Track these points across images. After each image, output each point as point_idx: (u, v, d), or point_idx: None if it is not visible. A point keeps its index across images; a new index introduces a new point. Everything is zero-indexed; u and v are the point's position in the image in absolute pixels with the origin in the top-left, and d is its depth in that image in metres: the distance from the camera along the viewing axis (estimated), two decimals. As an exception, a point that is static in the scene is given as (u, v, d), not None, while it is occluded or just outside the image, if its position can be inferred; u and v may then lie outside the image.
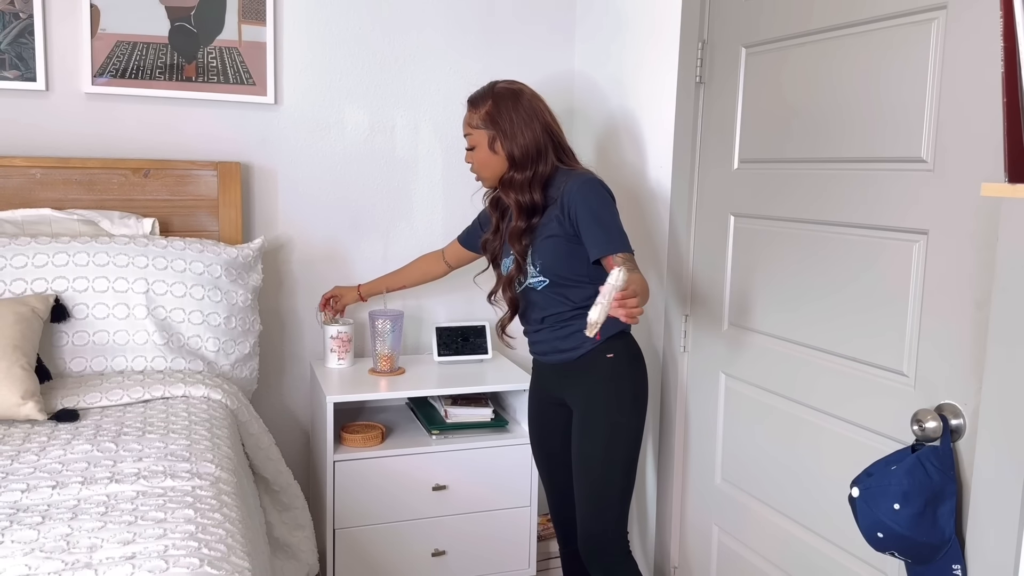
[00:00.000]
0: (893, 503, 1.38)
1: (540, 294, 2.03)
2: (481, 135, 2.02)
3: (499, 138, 2.00)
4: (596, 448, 1.98)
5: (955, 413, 1.42)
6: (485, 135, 2.02)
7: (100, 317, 2.13)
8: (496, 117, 2.00)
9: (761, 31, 1.93)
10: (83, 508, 1.42)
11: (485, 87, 2.06)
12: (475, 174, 2.09)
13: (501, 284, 2.11)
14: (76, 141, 2.40)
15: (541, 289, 2.02)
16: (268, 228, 2.61)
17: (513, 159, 1.99)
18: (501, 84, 2.04)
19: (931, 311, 1.49)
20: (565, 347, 2.03)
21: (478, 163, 2.05)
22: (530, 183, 1.99)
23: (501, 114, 2.00)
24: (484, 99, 2.02)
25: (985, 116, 1.36)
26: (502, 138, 1.99)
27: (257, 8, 2.50)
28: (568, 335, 2.02)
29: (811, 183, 1.78)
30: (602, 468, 1.98)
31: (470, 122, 2.04)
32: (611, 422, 1.97)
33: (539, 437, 2.22)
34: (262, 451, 2.14)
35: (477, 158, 2.05)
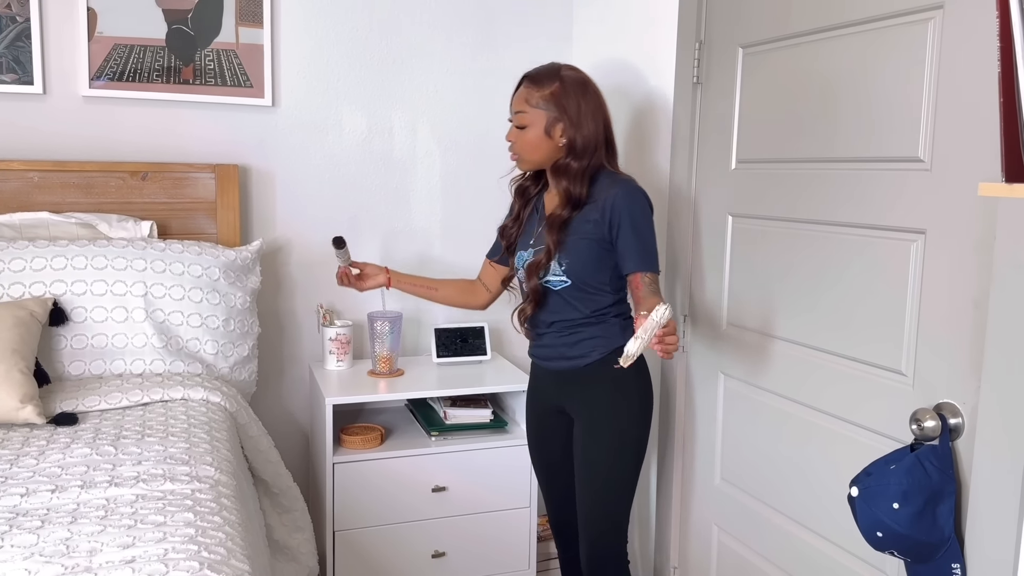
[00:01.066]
0: (892, 502, 1.38)
1: (556, 296, 1.96)
2: (539, 115, 1.91)
3: (563, 123, 1.90)
4: (602, 458, 1.95)
5: (954, 412, 1.42)
6: (544, 116, 1.91)
7: (98, 320, 2.13)
8: (563, 100, 1.90)
9: (758, 31, 1.93)
10: (82, 512, 1.41)
11: (547, 67, 1.96)
12: (514, 153, 1.98)
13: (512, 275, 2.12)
14: (74, 144, 2.40)
15: (559, 290, 1.94)
16: (266, 230, 2.61)
17: (574, 147, 1.91)
18: (567, 68, 1.95)
19: (929, 310, 1.50)
20: (572, 355, 1.98)
21: (526, 144, 1.94)
22: (583, 174, 1.91)
23: (569, 98, 1.90)
24: (549, 79, 1.92)
25: (982, 116, 1.37)
26: (567, 123, 1.90)
27: (254, 10, 2.50)
28: (576, 342, 1.97)
29: (809, 183, 1.78)
30: (608, 478, 1.96)
31: (528, 99, 1.92)
32: (618, 430, 1.94)
33: (538, 445, 2.17)
34: (261, 453, 2.14)
35: (527, 138, 1.94)
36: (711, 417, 2.15)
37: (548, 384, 2.08)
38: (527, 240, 2.03)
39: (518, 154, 1.98)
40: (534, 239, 2.00)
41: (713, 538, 2.17)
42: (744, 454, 2.04)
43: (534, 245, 2.00)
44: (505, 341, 2.86)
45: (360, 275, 2.26)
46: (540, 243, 1.97)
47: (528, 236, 2.03)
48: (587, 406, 1.97)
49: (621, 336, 1.94)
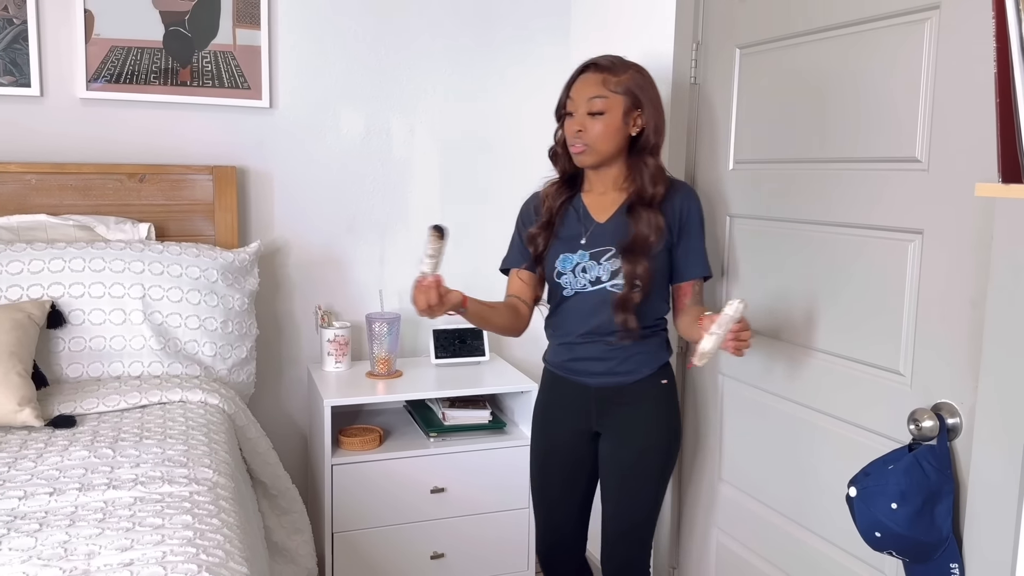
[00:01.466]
0: (890, 502, 1.38)
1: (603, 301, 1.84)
2: (618, 101, 1.80)
3: (645, 110, 1.82)
4: (649, 482, 1.89)
5: (952, 412, 1.42)
6: (623, 102, 1.80)
7: (96, 323, 2.12)
8: (643, 86, 1.82)
9: (755, 32, 1.94)
10: (81, 515, 1.41)
11: (611, 56, 1.86)
12: (581, 145, 1.82)
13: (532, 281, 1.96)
14: (71, 146, 2.40)
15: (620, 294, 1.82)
16: (264, 232, 2.61)
17: (648, 139, 1.83)
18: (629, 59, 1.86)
19: (927, 310, 1.50)
20: (623, 370, 1.87)
21: (603, 131, 1.80)
22: (661, 172, 1.85)
23: (645, 88, 1.83)
24: (623, 66, 1.82)
25: (979, 116, 1.37)
26: (651, 111, 1.82)
27: (251, 12, 2.50)
28: (629, 356, 1.86)
29: (806, 183, 1.78)
30: (650, 501, 1.92)
31: (605, 84, 1.80)
32: (665, 452, 1.90)
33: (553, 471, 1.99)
34: (260, 456, 2.14)
35: (604, 125, 1.80)
36: (710, 418, 2.15)
37: (580, 403, 1.93)
38: (572, 242, 1.88)
39: (589, 144, 1.82)
40: (586, 240, 1.87)
41: (712, 538, 2.17)
42: (743, 455, 2.04)
43: (588, 247, 1.86)
44: (503, 342, 2.86)
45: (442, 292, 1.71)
46: (604, 243, 1.85)
47: (572, 238, 1.89)
48: (632, 427, 1.88)
49: (666, 350, 1.93)
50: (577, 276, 1.87)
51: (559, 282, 1.89)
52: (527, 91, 2.81)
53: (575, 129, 1.83)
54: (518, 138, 2.81)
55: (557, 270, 1.89)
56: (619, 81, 1.80)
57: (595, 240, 1.87)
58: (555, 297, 1.93)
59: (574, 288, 1.87)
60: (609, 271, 1.84)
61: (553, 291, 1.93)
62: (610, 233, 1.86)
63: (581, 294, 1.87)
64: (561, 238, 1.90)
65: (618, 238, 1.84)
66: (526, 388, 2.47)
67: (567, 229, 1.90)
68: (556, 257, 1.89)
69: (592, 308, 1.86)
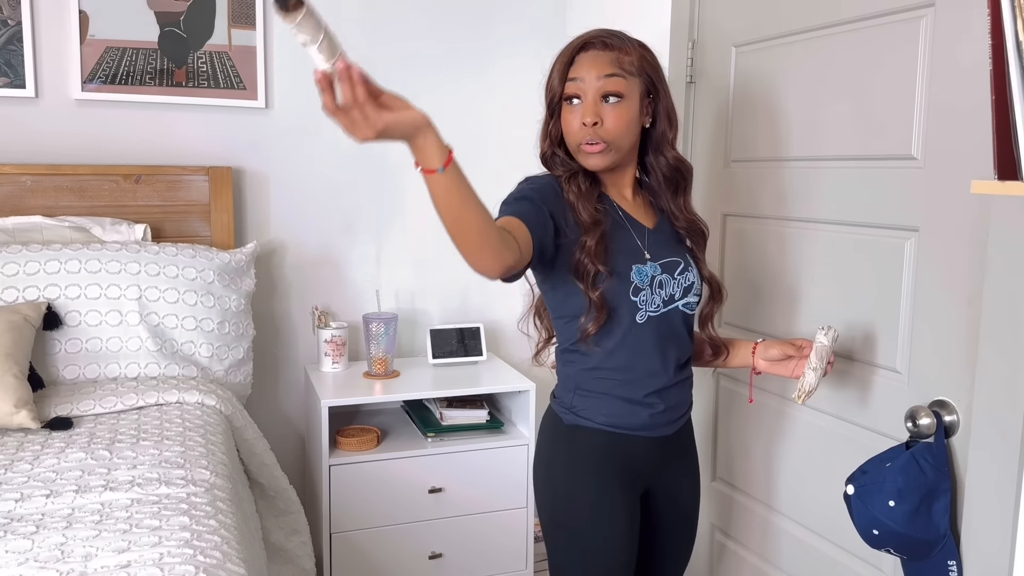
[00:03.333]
0: (888, 500, 1.39)
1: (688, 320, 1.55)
2: (635, 84, 1.46)
3: (661, 96, 1.50)
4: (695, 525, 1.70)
5: (949, 409, 1.42)
6: (640, 86, 1.47)
7: (93, 324, 2.12)
8: (657, 68, 1.50)
9: (751, 31, 1.94)
10: (77, 517, 1.41)
11: (611, 31, 1.50)
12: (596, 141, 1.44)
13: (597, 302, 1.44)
14: (66, 148, 2.39)
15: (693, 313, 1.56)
16: (260, 232, 2.61)
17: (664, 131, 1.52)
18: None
19: (923, 308, 1.50)
20: (690, 403, 1.59)
21: (626, 119, 1.45)
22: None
23: (657, 69, 1.50)
24: (630, 42, 1.48)
25: (974, 113, 1.37)
26: (665, 96, 1.50)
27: (247, 12, 2.49)
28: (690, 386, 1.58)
29: (802, 182, 1.78)
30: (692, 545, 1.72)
31: (620, 63, 1.45)
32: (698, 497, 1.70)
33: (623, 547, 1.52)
34: (257, 457, 2.14)
35: (627, 111, 1.45)
36: (705, 417, 2.15)
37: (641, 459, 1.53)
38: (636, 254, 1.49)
39: (608, 139, 1.44)
40: (649, 251, 1.51)
41: (710, 538, 2.17)
42: (738, 453, 2.04)
43: (654, 258, 1.50)
44: (501, 342, 2.86)
45: (377, 99, 1.15)
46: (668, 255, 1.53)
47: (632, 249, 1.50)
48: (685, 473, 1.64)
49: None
50: (654, 293, 1.48)
51: (635, 301, 1.46)
52: (522, 90, 2.80)
53: (587, 121, 1.43)
54: (513, 137, 2.80)
55: (634, 284, 1.46)
56: (632, 60, 1.46)
57: (656, 251, 1.52)
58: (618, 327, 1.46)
59: (647, 310, 1.47)
60: (683, 287, 1.52)
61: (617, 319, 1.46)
62: (668, 242, 1.55)
63: (653, 318, 1.48)
64: (618, 248, 1.47)
65: (676, 248, 1.56)
66: (523, 388, 2.46)
67: (621, 238, 1.49)
68: (629, 268, 1.46)
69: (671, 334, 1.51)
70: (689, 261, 1.56)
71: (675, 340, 1.52)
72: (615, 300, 1.45)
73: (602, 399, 1.50)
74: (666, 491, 1.61)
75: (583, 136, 1.45)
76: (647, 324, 1.48)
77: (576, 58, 1.47)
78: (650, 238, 1.53)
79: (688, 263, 1.55)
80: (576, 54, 1.48)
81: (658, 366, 1.50)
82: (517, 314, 2.86)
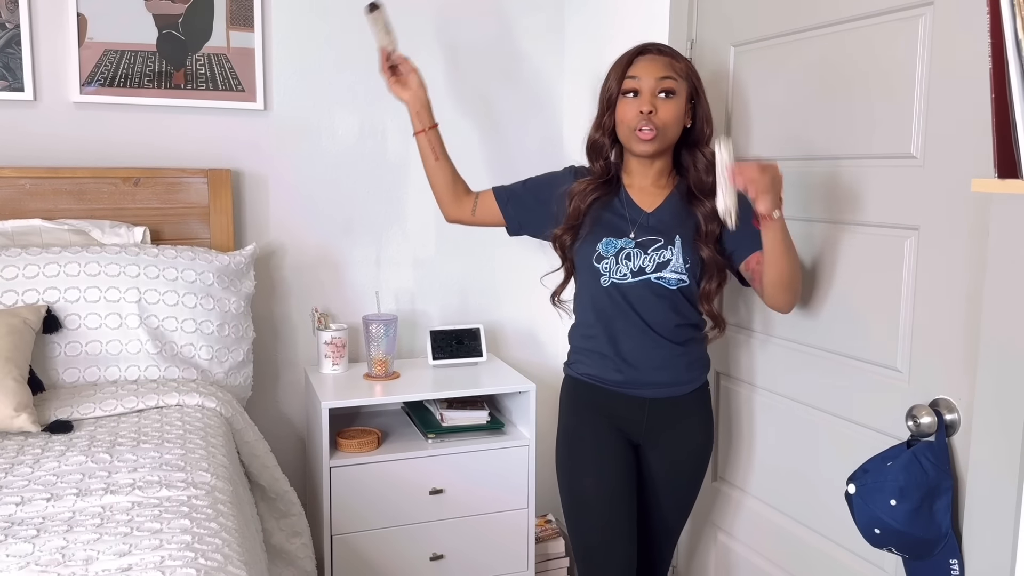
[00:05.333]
0: (889, 499, 1.39)
1: (663, 294, 1.75)
2: (683, 87, 1.74)
3: (701, 100, 1.78)
4: (696, 491, 1.91)
5: (949, 408, 1.42)
6: (686, 89, 1.75)
7: (92, 327, 2.12)
8: (699, 79, 1.79)
9: (749, 30, 1.94)
10: (78, 520, 1.41)
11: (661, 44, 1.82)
12: (651, 129, 1.71)
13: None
14: (65, 150, 2.39)
15: (675, 289, 1.75)
16: (260, 234, 2.61)
17: (703, 130, 1.78)
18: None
19: (924, 306, 1.50)
20: (688, 378, 1.80)
21: (676, 113, 1.74)
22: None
23: (700, 80, 1.80)
24: (679, 54, 1.80)
25: (974, 111, 1.37)
26: (705, 102, 1.79)
27: (245, 14, 2.49)
28: (691, 362, 1.80)
29: (802, 180, 1.78)
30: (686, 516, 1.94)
31: (673, 68, 1.74)
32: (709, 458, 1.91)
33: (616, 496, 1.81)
34: (258, 459, 2.14)
35: (678, 107, 1.74)
36: (708, 416, 2.15)
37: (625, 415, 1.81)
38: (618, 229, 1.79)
39: (659, 128, 1.72)
40: (636, 230, 1.78)
41: (712, 538, 2.17)
42: (740, 453, 2.04)
43: (637, 236, 1.77)
44: (501, 343, 2.85)
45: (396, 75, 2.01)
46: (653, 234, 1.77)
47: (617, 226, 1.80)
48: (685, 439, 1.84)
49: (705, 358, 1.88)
50: (619, 263, 1.76)
51: (597, 267, 1.77)
52: (521, 89, 2.81)
53: (644, 110, 1.70)
54: (512, 137, 2.81)
55: (598, 252, 1.77)
56: (682, 67, 1.76)
57: (644, 230, 1.78)
58: (586, 286, 1.80)
59: (611, 277, 1.76)
60: (656, 262, 1.75)
61: (585, 278, 1.80)
62: (660, 224, 1.79)
63: (618, 284, 1.76)
64: (603, 224, 1.80)
65: (667, 230, 1.77)
66: (524, 388, 2.46)
67: (611, 219, 1.80)
68: (598, 240, 1.78)
69: (637, 302, 1.76)
70: (676, 243, 1.76)
71: (648, 309, 1.75)
72: (582, 269, 1.79)
73: (584, 354, 1.86)
74: (660, 453, 1.83)
75: (639, 122, 1.72)
76: (613, 290, 1.76)
77: (635, 60, 1.75)
78: (643, 218, 1.80)
79: (672, 243, 1.76)
80: (635, 58, 1.76)
81: (622, 329, 1.77)
82: (517, 315, 2.87)
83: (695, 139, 1.80)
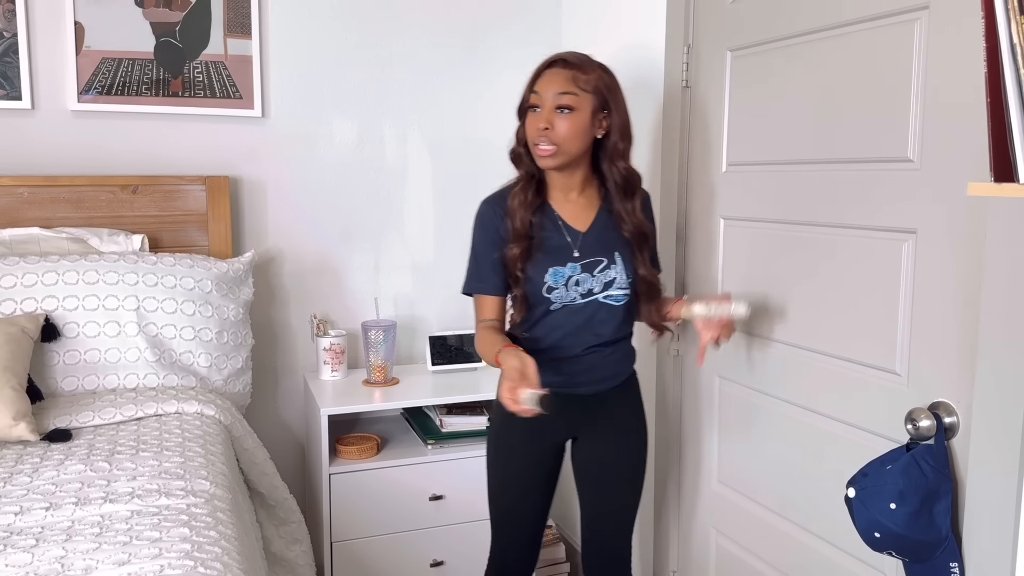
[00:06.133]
0: (889, 502, 1.38)
1: (611, 311, 1.81)
2: (587, 100, 1.72)
3: (613, 113, 1.75)
4: (640, 473, 1.94)
5: (948, 411, 1.42)
6: (592, 101, 1.73)
7: (91, 335, 2.12)
8: (612, 89, 1.76)
9: (746, 35, 1.94)
10: (77, 529, 1.41)
11: (579, 54, 1.78)
12: (548, 144, 1.71)
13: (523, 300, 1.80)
14: (63, 159, 2.39)
15: (621, 304, 1.81)
16: (258, 241, 2.61)
17: (616, 144, 1.77)
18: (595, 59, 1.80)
19: (922, 309, 1.50)
20: (615, 372, 1.88)
21: (572, 130, 1.71)
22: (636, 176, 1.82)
23: (613, 90, 1.76)
24: (591, 65, 1.75)
25: (970, 115, 1.37)
26: (618, 113, 1.76)
27: (242, 22, 2.49)
28: (619, 359, 1.88)
29: (799, 185, 1.79)
30: (640, 490, 1.96)
31: (575, 81, 1.71)
32: (646, 442, 1.96)
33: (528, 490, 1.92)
34: (257, 466, 2.14)
35: (576, 122, 1.71)
36: (708, 421, 2.15)
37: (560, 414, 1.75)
38: (562, 254, 1.79)
39: (558, 143, 1.71)
40: (578, 251, 1.80)
41: (712, 541, 2.17)
42: (741, 457, 2.04)
43: (581, 258, 1.79)
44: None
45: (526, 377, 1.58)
46: (595, 254, 1.80)
47: (560, 250, 1.79)
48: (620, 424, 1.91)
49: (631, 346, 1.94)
50: (569, 290, 1.78)
51: (549, 297, 1.78)
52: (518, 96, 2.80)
53: (540, 126, 1.72)
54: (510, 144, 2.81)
55: (548, 284, 1.77)
56: (588, 79, 1.73)
57: (585, 251, 1.80)
58: (537, 311, 1.81)
59: (563, 302, 1.79)
60: (602, 283, 1.80)
61: (534, 306, 1.81)
62: (597, 243, 1.81)
63: (569, 307, 1.79)
64: (546, 251, 1.78)
65: (606, 248, 1.81)
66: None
67: (551, 240, 1.79)
68: (545, 271, 1.77)
69: (587, 321, 1.80)
70: (617, 260, 1.80)
71: (594, 324, 1.81)
72: (533, 297, 1.79)
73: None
74: (596, 441, 1.90)
75: (537, 138, 1.74)
76: (562, 311, 1.80)
77: (542, 74, 1.76)
78: (582, 240, 1.81)
79: (614, 262, 1.80)
80: (543, 70, 1.76)
81: (568, 343, 1.81)
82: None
83: (609, 152, 1.78)
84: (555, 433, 1.90)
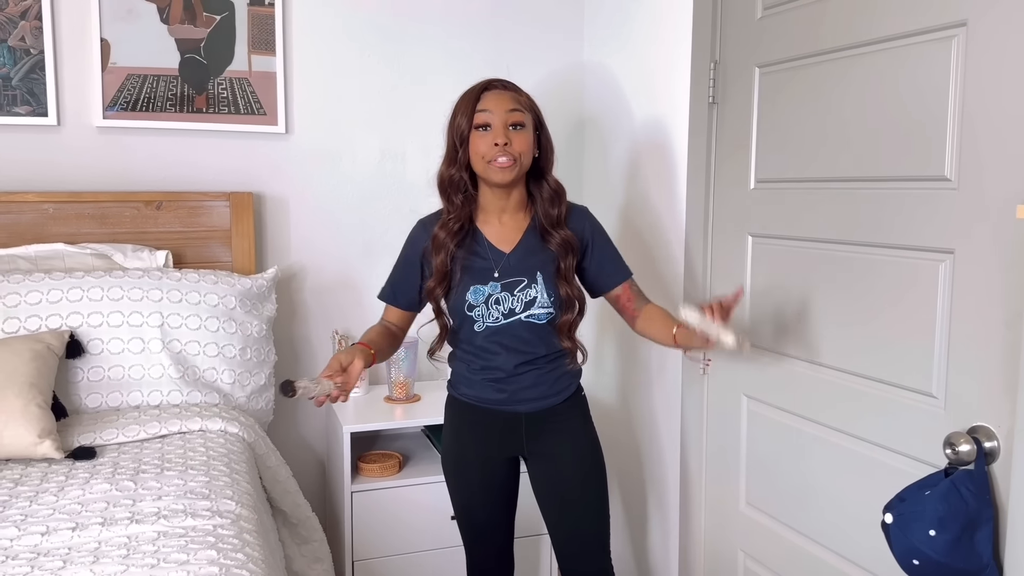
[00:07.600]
0: (928, 529, 1.35)
1: (535, 329, 1.85)
2: (530, 118, 1.82)
3: (544, 131, 1.87)
4: (599, 487, 1.95)
5: (988, 435, 1.39)
6: (531, 120, 1.83)
7: (115, 352, 2.11)
8: (539, 110, 1.87)
9: (775, 51, 1.92)
10: (104, 551, 1.40)
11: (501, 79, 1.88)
12: (509, 158, 1.77)
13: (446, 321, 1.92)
14: (88, 175, 2.40)
15: (544, 323, 1.85)
16: (281, 257, 2.60)
17: (548, 160, 1.88)
18: None
19: (959, 331, 1.47)
20: (556, 390, 1.91)
21: (527, 144, 1.80)
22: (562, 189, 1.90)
23: (539, 111, 1.87)
24: (519, 88, 1.86)
25: (1008, 133, 1.35)
26: (547, 132, 1.88)
27: (267, 39, 2.50)
28: (559, 376, 1.91)
29: (831, 202, 1.76)
30: (604, 504, 1.96)
31: (518, 101, 1.81)
32: (600, 456, 1.97)
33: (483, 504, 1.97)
34: (280, 484, 2.12)
35: (527, 138, 1.80)
36: (735, 440, 2.12)
37: (503, 431, 1.91)
38: (483, 274, 1.84)
39: (515, 154, 1.78)
40: (499, 272, 1.84)
41: (739, 564, 2.14)
42: (770, 478, 2.01)
43: (501, 278, 1.84)
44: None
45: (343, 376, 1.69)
46: (516, 274, 1.84)
47: (482, 271, 1.85)
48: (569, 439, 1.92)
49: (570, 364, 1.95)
50: (490, 308, 1.84)
51: (470, 315, 1.84)
52: (542, 112, 2.80)
53: (500, 142, 1.76)
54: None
55: (468, 302, 1.84)
56: (525, 100, 1.84)
57: (507, 271, 1.85)
58: (463, 331, 1.88)
59: (485, 322, 1.84)
60: (523, 302, 1.84)
61: (461, 325, 1.87)
62: (520, 263, 1.85)
63: (492, 327, 1.84)
64: (469, 272, 1.84)
65: (528, 268, 1.84)
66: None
67: (475, 263, 1.85)
68: (467, 289, 1.84)
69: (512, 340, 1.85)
70: (538, 279, 1.84)
71: (519, 343, 1.85)
72: (456, 317, 1.87)
73: (464, 379, 1.94)
74: (544, 459, 1.92)
75: (495, 154, 1.77)
76: (487, 332, 1.85)
77: (482, 95, 1.81)
78: (505, 261, 1.86)
79: (535, 281, 1.84)
80: (482, 93, 1.82)
81: (500, 362, 1.86)
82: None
83: (542, 168, 1.88)
84: (500, 450, 1.93)
